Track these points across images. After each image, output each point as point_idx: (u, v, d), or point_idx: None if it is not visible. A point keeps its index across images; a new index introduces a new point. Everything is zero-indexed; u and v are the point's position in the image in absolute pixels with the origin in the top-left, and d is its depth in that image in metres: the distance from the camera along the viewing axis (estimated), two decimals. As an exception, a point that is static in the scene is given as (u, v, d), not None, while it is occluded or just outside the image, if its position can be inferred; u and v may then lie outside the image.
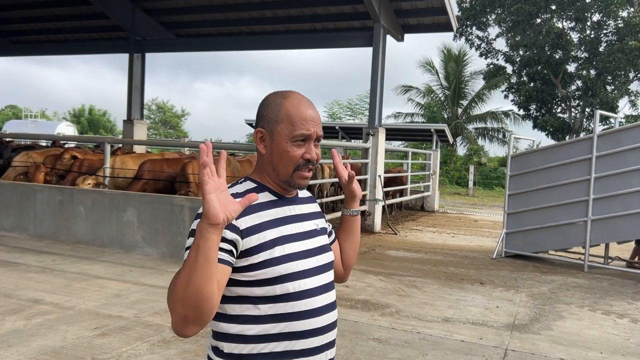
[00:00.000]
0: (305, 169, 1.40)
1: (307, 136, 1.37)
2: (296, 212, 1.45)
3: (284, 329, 1.33)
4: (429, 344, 4.33)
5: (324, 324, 1.40)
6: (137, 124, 13.62)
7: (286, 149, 1.37)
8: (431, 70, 31.61)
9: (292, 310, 1.33)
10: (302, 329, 1.35)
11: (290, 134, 1.36)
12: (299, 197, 1.51)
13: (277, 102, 1.40)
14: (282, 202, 1.43)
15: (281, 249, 1.34)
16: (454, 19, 10.95)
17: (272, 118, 1.39)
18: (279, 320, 1.33)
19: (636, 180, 7.32)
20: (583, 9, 24.59)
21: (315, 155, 1.40)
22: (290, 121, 1.37)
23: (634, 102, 26.18)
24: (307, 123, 1.37)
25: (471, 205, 19.69)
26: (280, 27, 12.68)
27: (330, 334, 1.43)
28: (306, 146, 1.38)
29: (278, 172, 1.40)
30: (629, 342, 4.65)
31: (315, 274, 1.40)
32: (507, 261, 8.29)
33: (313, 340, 1.37)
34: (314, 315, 1.37)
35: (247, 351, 1.33)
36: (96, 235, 7.59)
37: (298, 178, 1.40)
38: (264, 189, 1.42)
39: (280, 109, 1.38)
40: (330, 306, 1.43)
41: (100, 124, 44.84)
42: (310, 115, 1.39)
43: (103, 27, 14.13)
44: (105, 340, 4.01)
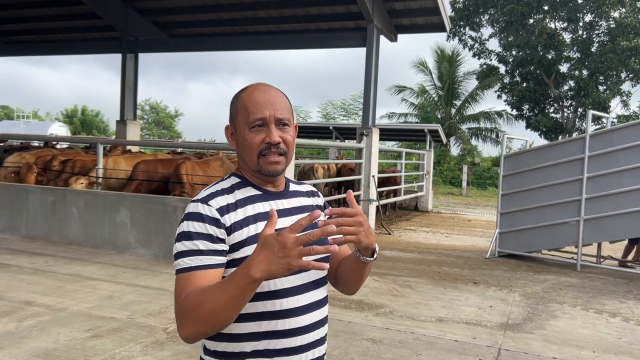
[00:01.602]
0: (270, 153, 1.35)
1: (263, 119, 1.34)
2: (285, 206, 1.42)
3: (266, 328, 1.31)
4: (422, 343, 4.34)
5: (308, 322, 1.36)
6: (130, 124, 13.57)
7: (245, 137, 1.36)
8: (425, 70, 31.69)
9: (273, 308, 1.31)
10: (283, 328, 1.32)
11: (246, 121, 1.36)
12: (289, 191, 1.47)
13: (237, 95, 1.42)
14: (266, 197, 1.41)
15: None
16: (447, 19, 10.98)
17: (234, 112, 1.41)
18: (260, 318, 1.30)
19: (627, 180, 7.37)
20: (575, 10, 24.72)
21: (277, 138, 1.34)
22: (245, 108, 1.36)
23: (625, 102, 26.34)
24: (261, 106, 1.35)
25: (465, 205, 19.75)
26: (273, 27, 12.67)
27: (316, 332, 1.39)
28: (266, 130, 1.35)
29: (247, 163, 1.39)
30: (621, 341, 4.68)
31: (300, 272, 1.35)
32: (500, 261, 8.32)
33: (297, 339, 1.34)
34: (296, 314, 1.34)
35: (230, 349, 1.33)
36: (89, 236, 7.55)
37: (265, 164, 1.36)
38: (248, 184, 1.41)
39: (238, 101, 1.40)
40: (316, 304, 1.40)
41: (93, 124, 44.63)
42: (265, 99, 1.36)
43: (96, 27, 14.07)
44: (98, 342, 3.99)
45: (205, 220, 1.29)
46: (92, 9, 12.63)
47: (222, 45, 13.89)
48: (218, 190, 1.37)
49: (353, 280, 1.48)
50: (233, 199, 1.36)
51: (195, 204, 1.33)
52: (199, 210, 1.31)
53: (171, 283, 5.84)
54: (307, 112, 40.16)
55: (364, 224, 1.26)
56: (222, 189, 1.38)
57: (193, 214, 1.31)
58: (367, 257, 1.36)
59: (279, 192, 1.44)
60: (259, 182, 1.42)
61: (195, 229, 1.29)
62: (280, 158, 1.37)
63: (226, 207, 1.33)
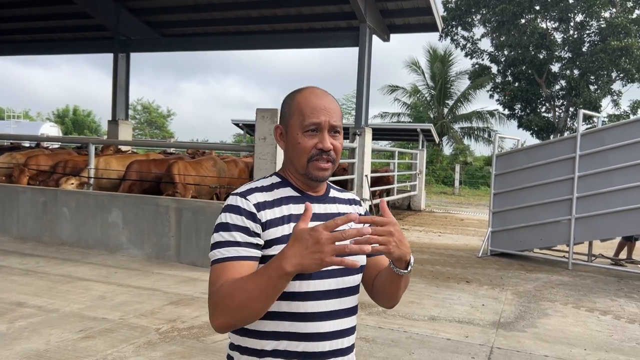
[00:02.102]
0: (321, 159, 1.36)
1: (317, 125, 1.35)
2: (322, 210, 1.41)
3: (288, 328, 1.31)
4: (415, 342, 4.35)
5: (331, 329, 1.35)
6: (122, 124, 13.49)
7: (297, 140, 1.36)
8: (417, 70, 31.76)
9: (297, 310, 1.31)
10: (305, 331, 1.31)
11: (300, 124, 1.36)
12: (328, 197, 1.47)
13: (291, 96, 1.42)
14: (304, 199, 1.40)
15: None
16: (439, 19, 11.00)
17: (287, 112, 1.41)
18: (283, 318, 1.31)
19: (618, 178, 7.43)
20: (566, 10, 24.87)
21: (329, 145, 1.36)
22: (300, 112, 1.36)
23: (616, 102, 26.54)
24: (317, 112, 1.35)
25: (457, 204, 19.82)
26: (266, 26, 12.64)
27: (340, 340, 1.37)
28: (319, 136, 1.35)
29: (295, 165, 1.39)
30: (612, 339, 4.72)
31: (329, 277, 1.35)
32: (492, 259, 8.36)
33: (318, 345, 1.33)
34: (319, 318, 1.33)
35: (252, 346, 1.34)
36: (81, 237, 7.51)
37: (314, 169, 1.36)
38: (287, 185, 1.42)
39: (293, 102, 1.40)
40: (343, 312, 1.38)
41: (85, 124, 44.39)
42: (322, 105, 1.37)
43: (87, 27, 13.97)
44: (90, 343, 3.97)
45: (242, 213, 1.32)
46: (84, 9, 12.54)
47: (215, 45, 13.84)
48: (257, 187, 1.39)
49: (389, 292, 1.44)
50: (271, 197, 1.37)
51: (234, 197, 1.36)
52: (237, 204, 1.34)
53: (163, 283, 5.83)
54: (300, 112, 40.07)
55: (394, 234, 1.22)
56: (262, 186, 1.40)
57: (231, 206, 1.34)
58: (401, 268, 1.32)
59: (317, 196, 1.44)
60: (300, 184, 1.43)
61: (233, 220, 1.31)
62: (329, 165, 1.38)
63: (263, 204, 1.34)
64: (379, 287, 1.46)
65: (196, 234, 6.78)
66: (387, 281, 1.41)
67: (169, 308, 4.93)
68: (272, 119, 6.63)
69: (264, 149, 6.70)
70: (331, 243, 1.10)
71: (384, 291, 1.45)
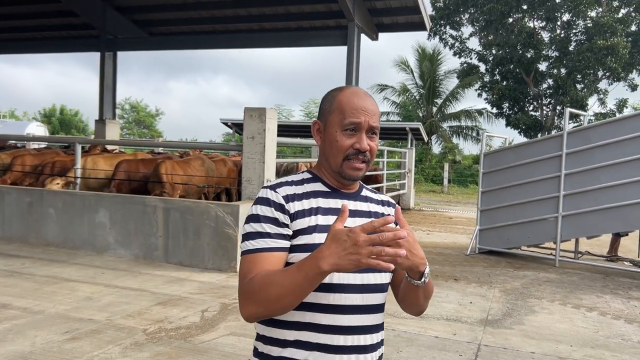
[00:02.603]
0: (356, 159, 1.38)
1: (357, 125, 1.37)
2: (351, 207, 1.42)
3: (310, 319, 1.32)
4: (403, 340, 4.36)
5: (353, 323, 1.34)
6: (109, 123, 13.40)
7: (336, 137, 1.38)
8: (406, 69, 31.87)
9: (319, 301, 1.32)
10: (326, 323, 1.32)
11: (340, 122, 1.38)
12: (360, 195, 1.49)
13: (333, 94, 1.44)
14: (335, 195, 1.43)
15: (321, 236, 1.31)
16: (427, 18, 11.04)
17: (327, 109, 1.43)
18: (306, 309, 1.32)
19: (604, 176, 7.49)
20: (553, 9, 25.08)
21: (367, 146, 1.37)
22: (341, 110, 1.38)
23: (602, 100, 26.82)
24: (358, 112, 1.37)
25: (446, 202, 19.91)
26: (254, 25, 12.61)
27: (362, 337, 1.36)
28: (357, 136, 1.37)
29: (330, 162, 1.41)
30: (598, 335, 4.76)
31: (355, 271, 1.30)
32: (480, 257, 8.40)
33: (338, 338, 1.32)
34: (341, 311, 1.33)
35: (275, 335, 1.36)
36: (67, 238, 7.44)
37: (348, 168, 1.38)
38: (318, 180, 1.45)
39: (334, 100, 1.41)
40: (367, 308, 1.37)
41: (72, 124, 44.02)
42: (362, 105, 1.38)
43: (73, 25, 13.85)
44: (76, 345, 3.93)
45: (272, 205, 1.35)
46: (70, 7, 12.44)
47: (203, 44, 13.79)
48: (288, 181, 1.43)
49: (409, 301, 1.43)
50: (301, 191, 1.40)
51: (265, 190, 1.40)
52: (267, 196, 1.37)
53: (150, 284, 5.79)
54: (290, 111, 40.10)
55: (403, 244, 1.19)
56: (292, 181, 1.43)
57: (262, 198, 1.38)
58: (415, 279, 1.30)
59: (349, 193, 1.46)
60: (333, 181, 1.44)
61: (264, 212, 1.35)
62: (363, 165, 1.40)
63: (292, 196, 1.38)
64: (400, 295, 1.46)
65: (184, 233, 6.74)
66: (405, 290, 1.41)
67: (157, 308, 4.90)
68: (260, 117, 6.61)
69: (253, 148, 6.68)
70: (368, 245, 1.11)
71: (403, 299, 1.45)
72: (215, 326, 4.44)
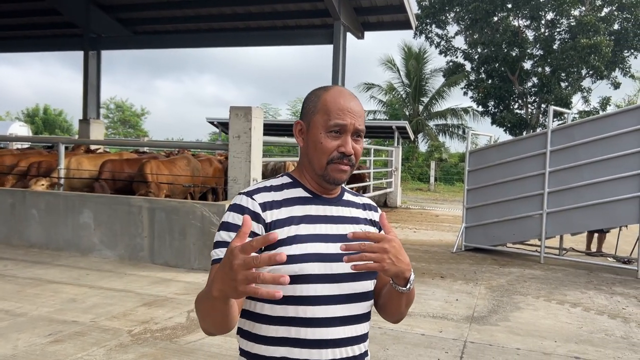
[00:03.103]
0: (341, 162, 1.32)
1: (342, 127, 1.31)
2: (333, 213, 1.37)
3: (295, 334, 1.27)
4: (390, 338, 4.37)
5: (338, 335, 1.30)
6: (93, 123, 13.26)
7: (320, 139, 1.32)
8: (392, 67, 31.94)
9: (304, 315, 1.27)
10: (313, 337, 1.27)
11: (325, 124, 1.31)
12: (342, 200, 1.42)
13: (317, 94, 1.37)
14: (316, 201, 1.37)
15: (304, 246, 1.27)
16: (412, 17, 11.06)
17: (310, 109, 1.36)
18: (290, 323, 1.27)
19: (588, 173, 7.57)
20: (537, 8, 25.29)
21: (352, 149, 1.32)
22: (326, 111, 1.32)
23: (586, 98, 27.12)
24: (344, 113, 1.31)
25: (433, 200, 20.00)
26: (240, 24, 12.55)
27: (349, 348, 1.32)
28: (342, 138, 1.31)
29: (313, 165, 1.35)
30: (582, 330, 4.81)
31: (334, 282, 1.29)
32: (467, 255, 8.45)
33: (327, 352, 1.28)
34: (324, 324, 1.28)
35: (261, 352, 1.29)
36: (51, 239, 7.35)
37: (333, 171, 1.32)
38: (298, 186, 1.38)
39: (319, 100, 1.35)
40: (352, 318, 1.33)
41: (56, 124, 43.49)
42: (349, 106, 1.32)
43: (56, 24, 13.68)
44: (59, 347, 3.89)
45: (246, 212, 1.28)
46: (53, 6, 12.28)
47: (188, 43, 13.70)
48: (266, 187, 1.36)
49: (390, 308, 1.40)
50: (279, 197, 1.34)
51: (240, 196, 1.33)
52: (242, 203, 1.31)
53: (136, 285, 5.74)
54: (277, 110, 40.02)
55: (389, 250, 1.16)
56: (271, 186, 1.36)
57: (236, 205, 1.31)
58: (400, 286, 1.27)
59: (331, 199, 1.40)
60: (315, 185, 1.39)
61: (234, 220, 1.28)
62: (348, 168, 1.34)
63: (270, 204, 1.31)
64: (381, 303, 1.42)
65: (170, 234, 6.70)
66: (388, 297, 1.37)
67: (142, 309, 4.86)
68: (245, 116, 6.58)
69: (239, 147, 6.65)
70: (244, 269, 0.98)
71: (385, 306, 1.42)
72: (201, 326, 4.41)
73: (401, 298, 1.33)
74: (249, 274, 0.98)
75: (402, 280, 1.26)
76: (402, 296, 1.32)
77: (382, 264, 1.16)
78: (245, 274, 0.98)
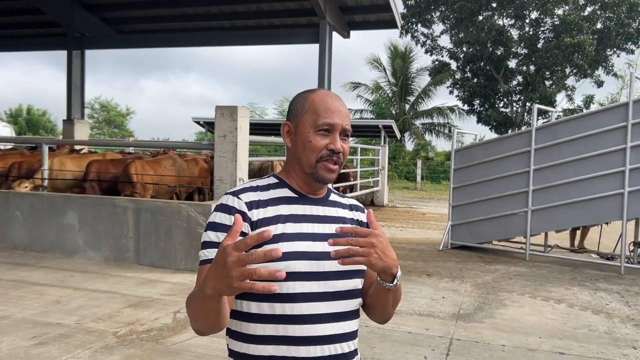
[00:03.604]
0: (330, 160, 1.35)
1: (331, 126, 1.34)
2: (320, 212, 1.39)
3: (283, 332, 1.28)
4: (376, 336, 4.38)
5: (327, 332, 1.30)
6: (77, 123, 13.11)
7: (309, 138, 1.34)
8: (379, 67, 32.04)
9: (291, 312, 1.28)
10: (301, 334, 1.28)
11: (314, 123, 1.34)
12: (328, 200, 1.44)
13: (304, 95, 1.41)
14: (302, 201, 1.39)
15: (290, 245, 1.29)
16: (398, 16, 11.10)
17: (298, 110, 1.39)
18: (278, 321, 1.28)
19: (572, 170, 7.66)
20: (522, 7, 25.50)
21: (340, 147, 1.35)
22: (315, 111, 1.35)
23: (570, 97, 27.42)
24: (332, 113, 1.35)
25: (419, 199, 20.10)
26: (226, 23, 12.50)
27: (339, 345, 1.33)
28: (331, 137, 1.35)
29: (302, 164, 1.37)
30: (566, 326, 4.87)
31: (319, 279, 1.31)
32: (453, 252, 8.51)
33: (316, 349, 1.29)
34: (312, 321, 1.29)
35: (249, 352, 1.30)
36: (35, 241, 7.27)
37: (322, 170, 1.35)
38: (285, 186, 1.40)
39: (307, 101, 1.38)
40: (340, 315, 1.33)
41: (40, 124, 42.94)
42: (336, 107, 1.36)
43: (39, 23, 13.51)
44: (44, 350, 3.85)
45: (232, 212, 1.30)
46: (35, 5, 12.12)
47: (173, 42, 13.61)
48: (252, 186, 1.38)
49: (378, 307, 1.40)
50: (266, 197, 1.36)
51: (226, 196, 1.35)
52: (228, 202, 1.33)
53: (121, 286, 5.70)
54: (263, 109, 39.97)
55: (376, 245, 1.18)
56: (257, 186, 1.38)
57: (222, 205, 1.33)
58: (387, 282, 1.29)
59: (316, 199, 1.41)
60: (301, 186, 1.40)
61: (222, 220, 1.30)
62: (336, 167, 1.36)
63: (256, 203, 1.33)
64: (368, 302, 1.42)
65: (155, 234, 6.65)
66: (375, 294, 1.37)
67: (128, 311, 4.83)
68: (231, 116, 6.56)
69: (224, 146, 6.63)
70: (239, 266, 1.00)
71: (372, 306, 1.42)
72: (188, 327, 4.39)
73: (388, 295, 1.35)
74: (244, 270, 1.00)
75: (389, 276, 1.28)
76: (389, 293, 1.33)
77: (369, 258, 1.18)
78: (240, 270, 1.00)
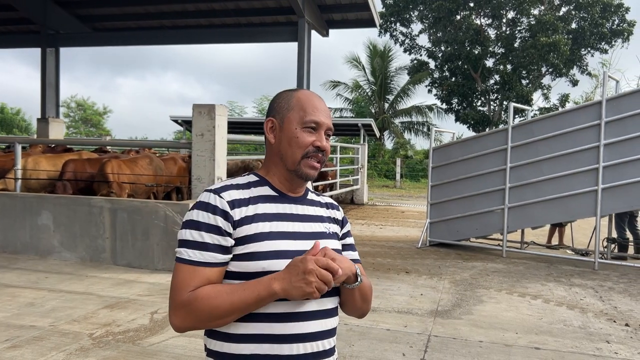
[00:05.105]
0: (315, 158, 1.36)
1: (318, 124, 1.36)
2: (299, 211, 1.40)
3: (268, 330, 1.27)
4: (355, 334, 4.39)
5: (313, 329, 1.31)
6: (52, 122, 12.88)
7: (296, 134, 1.35)
8: (358, 65, 32.14)
9: (275, 310, 1.27)
10: (285, 332, 1.28)
11: (301, 119, 1.36)
12: (306, 199, 1.45)
13: (289, 94, 1.42)
14: (282, 199, 1.39)
15: (271, 244, 1.30)
16: (376, 15, 11.14)
17: (284, 107, 1.39)
18: (262, 319, 1.27)
19: (547, 168, 7.78)
20: (499, 7, 25.81)
21: (326, 145, 1.37)
22: (302, 108, 1.37)
23: (546, 95, 27.84)
24: (319, 111, 1.37)
25: (398, 197, 20.22)
26: (203, 21, 12.40)
27: (323, 342, 1.34)
28: (316, 134, 1.36)
29: (286, 161, 1.37)
30: (542, 322, 4.94)
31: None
32: (431, 250, 8.57)
33: (299, 346, 1.29)
34: (298, 318, 1.30)
35: (231, 351, 1.29)
36: (8, 242, 7.12)
37: (306, 167, 1.36)
38: (265, 184, 1.40)
39: (292, 99, 1.39)
40: (324, 312, 1.35)
41: (14, 123, 42.09)
42: (322, 107, 1.40)
43: (12, 20, 13.23)
44: (17, 353, 3.77)
45: (215, 211, 1.29)
46: (7, 1, 11.87)
47: (150, 40, 13.46)
48: (233, 184, 1.37)
49: (350, 304, 1.43)
50: (247, 195, 1.35)
51: (207, 194, 1.33)
52: (210, 201, 1.31)
53: (97, 287, 5.61)
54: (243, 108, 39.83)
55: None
56: (237, 184, 1.38)
57: (204, 203, 1.31)
58: (351, 283, 1.34)
59: (295, 197, 1.43)
60: (284, 186, 1.41)
61: (204, 219, 1.29)
62: (319, 165, 1.38)
63: (238, 202, 1.32)
64: (341, 300, 1.44)
65: (132, 234, 6.57)
66: (344, 295, 1.40)
67: (104, 312, 4.75)
68: (209, 114, 6.50)
69: (202, 145, 6.57)
70: (317, 279, 1.17)
71: (345, 303, 1.44)
72: (165, 328, 4.35)
73: (354, 295, 1.39)
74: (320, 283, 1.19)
75: (351, 279, 1.32)
76: (354, 293, 1.38)
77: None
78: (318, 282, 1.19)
